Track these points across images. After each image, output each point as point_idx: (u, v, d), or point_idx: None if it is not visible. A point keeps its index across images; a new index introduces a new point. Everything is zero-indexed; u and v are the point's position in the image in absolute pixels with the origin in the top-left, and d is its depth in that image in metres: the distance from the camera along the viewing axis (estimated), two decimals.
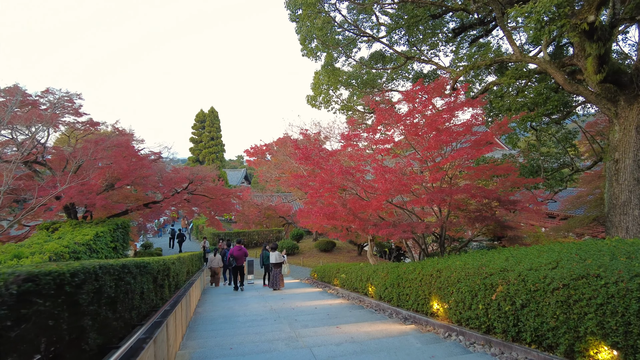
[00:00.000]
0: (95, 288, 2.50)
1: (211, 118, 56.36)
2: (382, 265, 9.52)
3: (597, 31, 6.95)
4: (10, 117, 12.86)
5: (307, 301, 9.78)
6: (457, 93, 8.73)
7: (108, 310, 2.70)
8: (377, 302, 9.11)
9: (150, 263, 4.27)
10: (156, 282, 4.75)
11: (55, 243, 9.37)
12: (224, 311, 8.86)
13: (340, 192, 9.04)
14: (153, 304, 4.48)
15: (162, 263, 5.02)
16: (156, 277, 4.72)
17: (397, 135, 9.11)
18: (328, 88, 12.54)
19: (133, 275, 3.39)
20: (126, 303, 3.15)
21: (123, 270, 3.07)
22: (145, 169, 13.93)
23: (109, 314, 2.72)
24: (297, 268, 20.98)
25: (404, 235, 7.57)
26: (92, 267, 2.44)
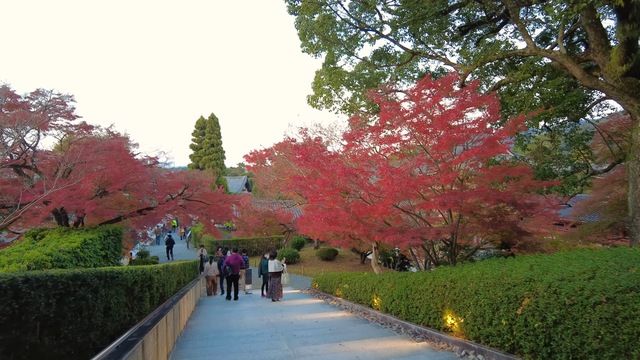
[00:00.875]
0: (13, 309, 1.86)
1: (211, 124, 55.97)
2: (388, 275, 8.84)
3: (633, 9, 6.31)
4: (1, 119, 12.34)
5: (307, 314, 9.09)
6: (467, 89, 8.13)
7: (44, 335, 2.08)
8: (383, 315, 8.42)
9: (122, 273, 3.64)
10: (132, 294, 4.11)
11: (37, 251, 8.72)
12: (217, 324, 8.18)
13: (342, 196, 8.42)
14: (126, 321, 3.84)
15: (140, 273, 4.38)
16: (132, 289, 4.09)
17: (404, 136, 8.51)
18: (329, 88, 11.99)
19: (92, 288, 2.77)
20: (78, 323, 2.52)
21: (74, 282, 2.45)
22: (138, 173, 13.35)
23: (46, 340, 2.09)
24: (297, 277, 20.25)
25: (413, 242, 6.92)
26: (6, 280, 1.82)
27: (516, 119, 7.63)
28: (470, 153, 6.54)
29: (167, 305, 6.29)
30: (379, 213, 7.34)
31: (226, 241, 25.87)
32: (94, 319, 2.82)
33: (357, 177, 7.52)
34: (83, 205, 11.19)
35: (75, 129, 15.17)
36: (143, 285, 4.64)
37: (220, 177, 52.17)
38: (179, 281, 8.75)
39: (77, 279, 2.50)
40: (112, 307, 3.27)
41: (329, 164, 8.06)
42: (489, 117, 7.04)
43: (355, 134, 8.41)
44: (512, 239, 8.67)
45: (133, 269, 4.16)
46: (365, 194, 8.52)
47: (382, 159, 7.85)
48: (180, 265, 9.02)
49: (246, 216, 25.70)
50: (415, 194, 7.85)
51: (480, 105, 7.44)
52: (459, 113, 6.83)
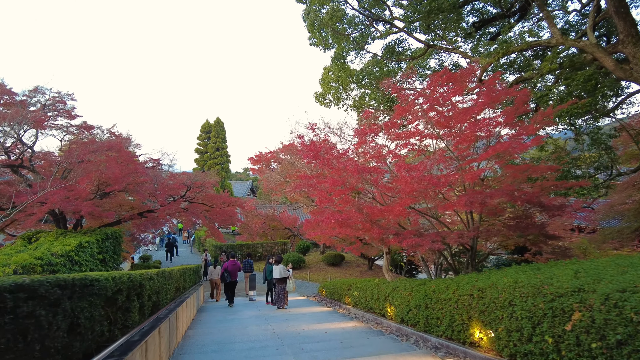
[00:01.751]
0: None
1: (217, 128, 55.63)
2: (403, 283, 8.16)
3: None
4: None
5: (315, 323, 8.42)
6: (491, 83, 7.49)
7: None
8: (398, 325, 7.74)
9: (99, 280, 3.04)
10: (114, 305, 3.51)
11: (26, 254, 8.15)
12: (218, 335, 7.54)
13: (353, 196, 7.79)
14: (105, 338, 3.23)
15: (125, 280, 3.77)
16: (114, 299, 3.48)
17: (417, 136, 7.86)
18: (338, 85, 11.39)
19: (49, 302, 2.17)
20: (19, 351, 1.90)
21: (14, 295, 1.84)
22: (139, 174, 12.80)
23: None
24: (303, 283, 19.57)
25: (434, 246, 6.27)
26: None
27: (544, 112, 6.96)
28: (499, 148, 5.89)
29: (162, 315, 5.67)
30: (394, 214, 6.70)
31: (230, 245, 25.26)
32: (51, 340, 2.21)
33: (370, 175, 6.88)
34: (80, 206, 10.65)
35: (76, 129, 14.69)
36: (130, 294, 4.03)
37: (225, 181, 51.78)
38: (177, 287, 8.13)
39: (19, 289, 1.88)
40: (82, 323, 2.66)
41: (339, 161, 7.44)
42: (518, 110, 6.38)
43: (368, 130, 7.77)
44: (538, 243, 7.96)
45: (116, 275, 3.56)
46: (379, 195, 7.88)
47: (398, 156, 7.21)
48: (179, 270, 8.41)
49: (251, 220, 25.10)
50: (433, 194, 7.20)
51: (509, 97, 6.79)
52: (485, 104, 6.19)
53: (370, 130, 7.77)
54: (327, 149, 7.95)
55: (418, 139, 7.04)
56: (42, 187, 10.65)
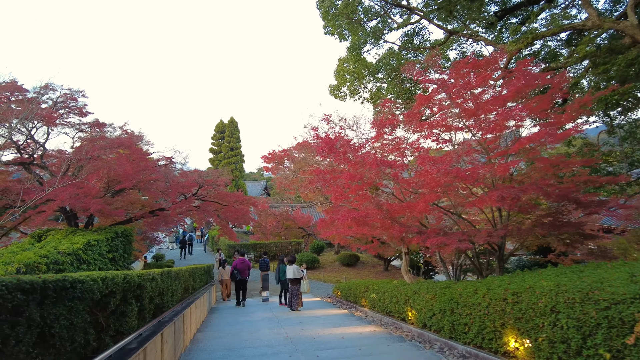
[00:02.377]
0: None
1: (230, 128, 55.67)
2: (425, 285, 7.61)
3: None
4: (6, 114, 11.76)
5: (331, 327, 7.94)
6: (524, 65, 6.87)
7: None
8: (420, 330, 7.20)
9: (83, 281, 2.63)
10: (105, 309, 3.10)
11: (31, 252, 7.89)
12: (228, 339, 7.13)
13: (371, 192, 7.28)
14: (92, 347, 2.82)
15: (119, 280, 3.36)
16: (104, 303, 3.07)
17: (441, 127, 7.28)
18: (353, 77, 10.87)
19: (5, 310, 1.75)
20: None
21: None
22: (149, 171, 12.53)
23: None
24: (317, 284, 19.11)
25: (461, 246, 5.72)
26: None
27: (581, 99, 6.32)
28: (534, 137, 5.31)
29: (166, 318, 5.27)
30: (417, 211, 6.16)
31: (243, 245, 24.97)
32: (7, 358, 1.79)
33: (392, 168, 6.36)
34: (89, 204, 10.40)
35: (88, 127, 14.51)
36: (126, 296, 3.62)
37: (239, 181, 51.79)
38: (186, 288, 7.76)
39: None
40: (57, 333, 2.24)
41: (356, 155, 6.92)
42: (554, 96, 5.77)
43: (387, 121, 7.23)
44: (573, 243, 7.31)
45: (108, 275, 3.15)
46: (398, 191, 7.35)
47: (420, 148, 6.67)
48: (188, 270, 8.04)
49: (264, 219, 24.77)
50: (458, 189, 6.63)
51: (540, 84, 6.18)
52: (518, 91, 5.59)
53: (389, 122, 7.20)
54: (343, 142, 7.43)
55: (442, 129, 6.46)
56: (50, 185, 10.46)
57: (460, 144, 7.23)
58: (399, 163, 6.83)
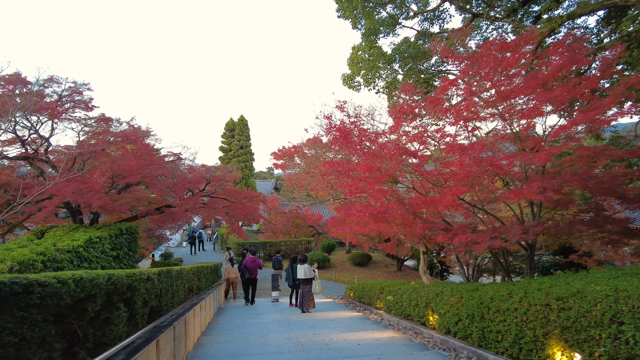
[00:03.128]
0: None
1: (240, 126, 55.49)
2: (448, 287, 6.97)
3: None
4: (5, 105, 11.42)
5: (345, 332, 7.34)
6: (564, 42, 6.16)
7: None
8: (443, 337, 6.58)
9: (46, 284, 2.09)
10: (82, 316, 2.57)
11: (27, 249, 7.43)
12: (234, 343, 6.59)
13: (389, 185, 6.67)
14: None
15: (102, 282, 2.82)
16: (82, 309, 2.54)
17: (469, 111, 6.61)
18: (369, 66, 10.22)
19: None
20: None
21: None
22: (155, 166, 12.07)
23: None
24: (328, 284, 18.54)
25: (494, 244, 5.08)
26: None
27: (629, 80, 5.61)
28: (580, 120, 4.64)
29: (165, 323, 4.74)
30: (443, 206, 5.53)
31: (253, 243, 24.50)
32: None
33: (414, 158, 5.74)
34: (91, 199, 9.97)
35: (94, 122, 14.13)
36: (112, 300, 3.09)
37: (249, 179, 51.56)
38: (190, 288, 7.24)
39: None
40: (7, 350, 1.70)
41: (374, 144, 6.30)
42: (604, 73, 5.06)
43: (408, 108, 6.57)
44: (616, 243, 6.59)
45: (86, 276, 2.61)
46: (419, 184, 6.72)
47: (448, 135, 6.02)
48: (192, 269, 7.52)
49: (274, 217, 24.27)
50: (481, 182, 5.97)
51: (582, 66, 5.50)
52: (562, 66, 4.92)
53: (410, 109, 6.55)
54: (360, 131, 6.80)
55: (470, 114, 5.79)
56: (53, 180, 10.08)
57: (487, 134, 6.56)
58: (421, 153, 6.19)
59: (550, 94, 4.73)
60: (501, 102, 5.49)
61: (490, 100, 5.56)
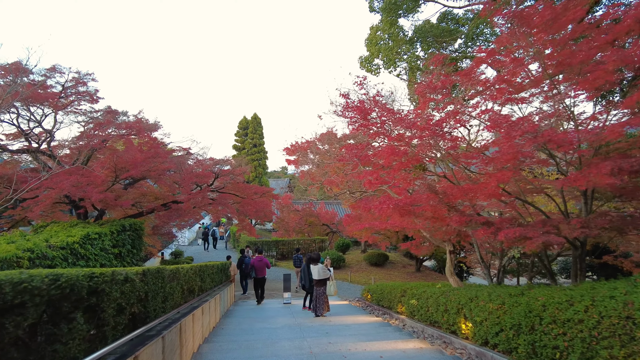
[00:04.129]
0: None
1: (254, 124, 55.09)
2: (485, 291, 6.04)
3: None
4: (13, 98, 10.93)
5: (364, 341, 6.47)
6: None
7: None
8: (479, 349, 5.66)
9: None
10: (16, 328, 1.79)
11: (13, 245, 6.80)
12: (238, 353, 5.79)
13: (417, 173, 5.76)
14: None
15: (35, 285, 2.03)
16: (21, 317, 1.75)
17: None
18: (388, 46, 9.30)
19: None
20: None
21: None
22: (161, 159, 11.40)
23: None
24: (343, 284, 17.66)
25: (548, 240, 4.14)
26: None
27: None
28: None
29: (152, 332, 3.96)
30: (485, 195, 4.62)
31: (265, 241, 23.77)
32: None
33: (450, 140, 4.81)
34: (90, 193, 9.34)
35: (100, 115, 13.56)
36: (61, 309, 2.30)
37: (262, 178, 51.12)
38: (190, 289, 6.47)
39: None
40: None
41: (400, 124, 5.39)
42: None
43: (441, 81, 5.61)
44: None
45: (16, 277, 1.83)
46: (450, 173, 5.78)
47: (488, 110, 5.07)
48: (193, 269, 6.76)
49: (286, 215, 23.52)
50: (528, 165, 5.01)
51: None
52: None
53: (442, 83, 5.61)
54: (382, 109, 5.89)
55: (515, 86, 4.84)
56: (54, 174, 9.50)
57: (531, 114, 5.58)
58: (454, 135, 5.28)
59: (628, 53, 3.78)
60: (557, 70, 4.52)
61: (544, 70, 4.59)
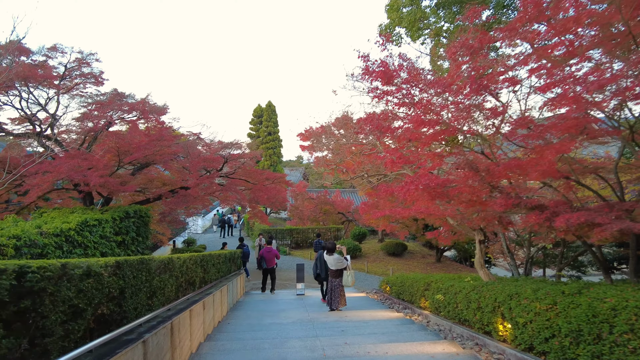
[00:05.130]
0: None
1: (268, 112, 54.51)
2: (529, 286, 5.15)
3: None
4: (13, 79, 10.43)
5: (386, 342, 5.69)
6: None
7: None
8: (522, 355, 4.82)
9: None
10: None
11: None
12: (241, 355, 5.09)
13: (450, 148, 4.88)
14: None
15: None
16: None
17: None
18: (412, 11, 8.26)
19: None
20: None
21: None
22: (167, 142, 10.74)
23: None
24: (360, 275, 16.89)
25: (626, 227, 3.25)
26: None
27: None
28: None
29: (131, 336, 3.27)
30: (538, 173, 3.69)
31: (279, 230, 23.16)
32: None
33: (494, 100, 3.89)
34: (90, 177, 8.76)
35: (106, 98, 12.98)
36: None
37: (277, 166, 50.65)
38: (189, 282, 5.78)
39: None
40: None
41: (434, 87, 4.49)
42: None
43: (476, 42, 4.66)
44: None
45: None
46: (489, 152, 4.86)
47: (542, 67, 4.15)
48: (193, 258, 6.06)
49: (301, 203, 22.83)
50: None
51: None
52: None
53: (479, 42, 4.64)
54: (410, 69, 4.99)
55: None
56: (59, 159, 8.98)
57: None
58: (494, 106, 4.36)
59: None
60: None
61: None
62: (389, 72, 4.82)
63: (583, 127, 3.49)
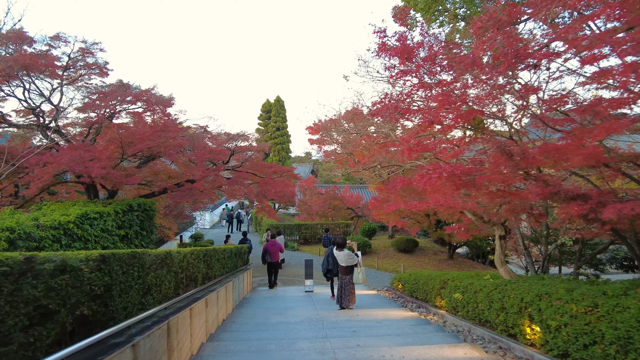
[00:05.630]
0: None
1: (277, 107, 54.14)
2: (560, 286, 4.67)
3: None
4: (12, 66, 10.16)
5: (401, 345, 5.26)
6: None
7: None
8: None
9: None
10: None
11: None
12: (245, 357, 4.71)
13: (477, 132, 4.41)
14: None
15: None
16: None
17: None
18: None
19: None
20: None
21: None
22: (171, 133, 10.39)
23: None
24: (370, 272, 16.46)
25: None
26: None
27: None
28: None
29: (118, 340, 2.90)
30: (581, 158, 3.20)
31: (287, 225, 22.81)
32: None
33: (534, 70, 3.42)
34: (92, 168, 8.44)
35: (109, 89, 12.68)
36: None
37: (286, 162, 50.34)
38: (191, 278, 5.41)
39: None
40: None
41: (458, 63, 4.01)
42: None
43: (504, 15, 4.19)
44: None
45: None
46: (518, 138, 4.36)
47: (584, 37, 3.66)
48: (194, 253, 5.68)
49: (309, 198, 22.42)
50: None
51: None
52: None
53: (508, 16, 4.13)
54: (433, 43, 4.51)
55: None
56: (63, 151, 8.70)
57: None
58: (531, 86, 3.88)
59: None
60: None
61: None
62: (407, 47, 4.35)
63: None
